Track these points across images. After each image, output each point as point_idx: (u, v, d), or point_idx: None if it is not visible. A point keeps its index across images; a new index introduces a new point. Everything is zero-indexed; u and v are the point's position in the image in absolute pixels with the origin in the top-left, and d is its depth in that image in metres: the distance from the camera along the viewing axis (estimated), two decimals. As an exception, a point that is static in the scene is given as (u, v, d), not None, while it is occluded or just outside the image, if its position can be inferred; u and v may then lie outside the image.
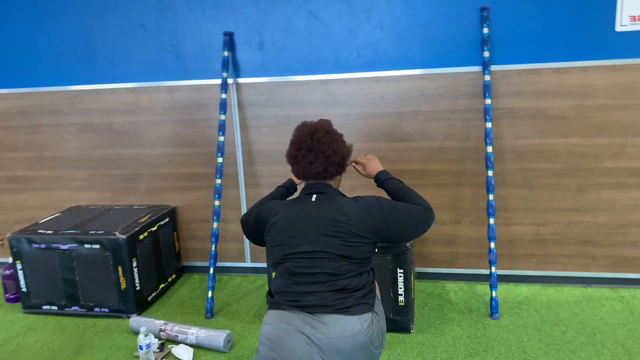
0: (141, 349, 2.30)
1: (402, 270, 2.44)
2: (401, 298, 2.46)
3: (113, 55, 3.12)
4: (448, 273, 3.04)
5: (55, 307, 2.85)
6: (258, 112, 3.04)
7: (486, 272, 2.89)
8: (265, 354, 1.59)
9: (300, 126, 1.80)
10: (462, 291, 2.91)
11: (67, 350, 2.49)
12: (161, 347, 2.45)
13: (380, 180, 2.01)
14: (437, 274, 3.05)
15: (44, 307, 2.86)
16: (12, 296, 3.04)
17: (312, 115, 2.95)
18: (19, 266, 2.83)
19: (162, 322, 2.55)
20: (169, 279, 3.15)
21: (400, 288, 2.45)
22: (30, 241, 2.78)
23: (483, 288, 2.93)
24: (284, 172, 3.01)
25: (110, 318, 2.79)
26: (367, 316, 1.63)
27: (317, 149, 1.71)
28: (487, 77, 2.65)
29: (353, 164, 2.10)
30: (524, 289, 2.90)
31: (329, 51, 2.88)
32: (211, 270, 2.81)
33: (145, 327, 2.53)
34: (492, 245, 2.63)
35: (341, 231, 1.64)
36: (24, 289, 2.86)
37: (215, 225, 2.85)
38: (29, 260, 2.81)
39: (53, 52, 3.18)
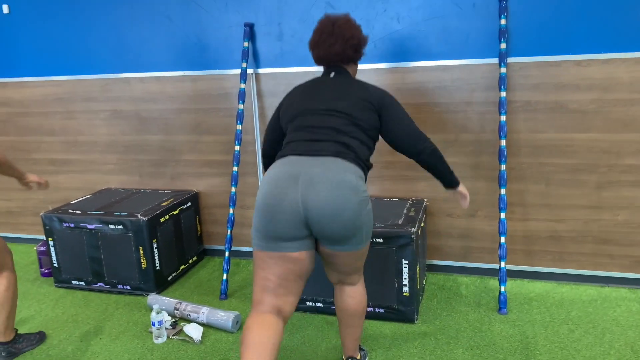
0: (154, 325, 2.43)
1: (406, 262, 2.46)
2: (405, 289, 2.48)
3: (141, 45, 3.26)
4: (461, 267, 3.02)
5: (82, 283, 3.04)
6: (276, 102, 3.10)
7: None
8: (266, 191, 1.71)
9: (323, 18, 1.96)
10: (473, 285, 2.90)
11: (89, 323, 2.67)
12: (174, 324, 2.58)
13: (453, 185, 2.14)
14: (450, 267, 3.04)
15: (73, 282, 3.06)
16: (46, 271, 3.26)
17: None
18: (51, 243, 3.03)
19: (176, 301, 2.68)
20: (190, 261, 3.29)
21: (405, 279, 2.48)
22: (61, 220, 2.97)
23: (495, 283, 2.91)
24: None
25: (131, 295, 2.96)
26: (361, 173, 1.76)
27: (337, 33, 1.88)
28: (503, 70, 2.61)
29: (463, 202, 2.21)
30: (538, 286, 2.85)
31: (346, 42, 2.90)
32: (226, 254, 2.92)
33: (161, 305, 2.68)
34: (503, 239, 2.61)
35: (352, 97, 1.83)
36: (56, 265, 3.06)
37: (231, 210, 2.96)
38: (59, 238, 3.01)
39: (87, 42, 3.36)
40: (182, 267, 3.20)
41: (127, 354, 2.38)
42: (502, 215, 2.60)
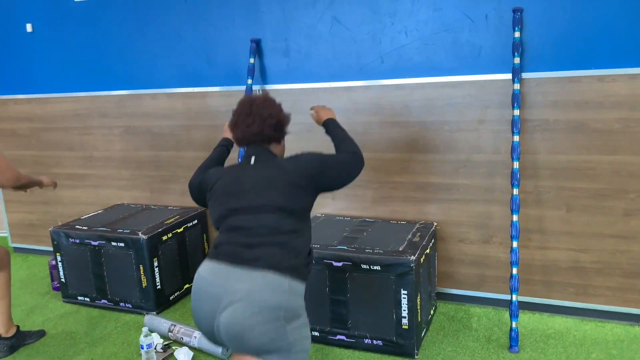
0: (142, 348, 2.38)
1: (405, 292, 2.29)
2: (405, 321, 2.31)
3: (153, 62, 3.27)
4: (474, 296, 2.81)
5: (87, 299, 3.04)
6: (283, 118, 3.02)
7: (518, 298, 2.65)
8: (193, 304, 1.65)
9: (243, 97, 1.89)
10: (486, 317, 2.68)
11: (85, 340, 2.65)
12: (165, 347, 2.51)
13: (327, 127, 2.09)
14: (463, 296, 2.84)
15: (79, 297, 3.06)
16: (57, 285, 3.29)
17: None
18: (58, 258, 3.06)
19: (171, 323, 2.62)
20: (195, 280, 3.24)
21: (404, 310, 2.31)
22: (68, 235, 2.99)
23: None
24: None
25: (132, 314, 2.93)
26: (295, 284, 1.60)
27: (255, 113, 1.81)
28: (517, 86, 2.41)
29: (311, 111, 2.21)
30: (558, 321, 2.60)
31: (352, 57, 2.79)
32: (226, 275, 2.84)
33: (156, 326, 2.63)
34: (515, 270, 2.39)
35: (279, 184, 1.71)
36: (63, 280, 3.08)
37: (232, 230, 2.88)
38: (66, 254, 3.03)
39: (103, 60, 3.40)
40: (187, 286, 3.15)
41: (114, 377, 2.33)
42: (514, 244, 2.39)
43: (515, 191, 2.40)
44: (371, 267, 2.32)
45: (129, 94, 3.39)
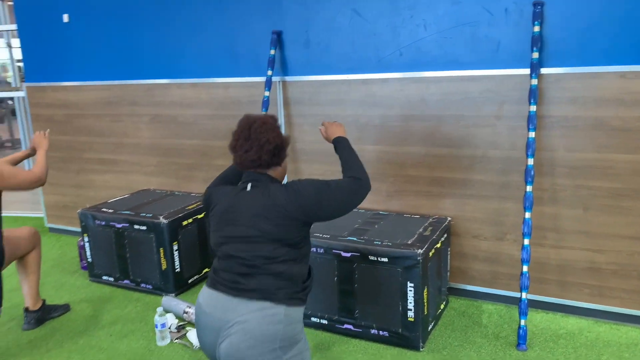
0: (157, 327, 2.48)
1: (412, 284, 2.30)
2: (410, 313, 2.33)
3: (180, 53, 3.36)
4: (487, 293, 2.79)
5: (112, 279, 3.18)
6: (302, 110, 3.06)
7: (530, 296, 2.62)
8: (197, 332, 1.72)
9: (242, 118, 1.83)
10: (498, 314, 2.66)
11: (106, 318, 2.78)
12: (179, 328, 2.61)
13: (335, 146, 1.98)
14: (475, 292, 2.82)
15: (104, 277, 3.21)
16: (85, 264, 3.46)
17: (352, 115, 2.91)
18: (86, 239, 3.21)
19: (186, 304, 2.72)
20: (214, 265, 3.33)
21: (410, 303, 2.32)
22: (94, 218, 3.14)
23: (524, 314, 2.65)
24: (324, 171, 3.02)
25: (152, 294, 3.05)
26: (290, 312, 1.62)
27: (253, 138, 1.74)
28: (534, 81, 2.37)
29: (320, 127, 2.11)
30: (571, 322, 2.56)
31: (371, 50, 2.80)
32: (241, 261, 2.92)
33: (172, 307, 2.74)
34: (525, 268, 2.37)
35: (273, 216, 1.67)
36: (90, 260, 3.23)
37: (248, 218, 2.95)
38: (93, 235, 3.17)
39: (133, 49, 3.52)
40: (205, 270, 3.25)
41: (129, 353, 2.44)
42: (526, 241, 2.37)
43: (529, 188, 2.37)
44: (379, 258, 2.35)
45: (157, 83, 3.50)
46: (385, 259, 2.34)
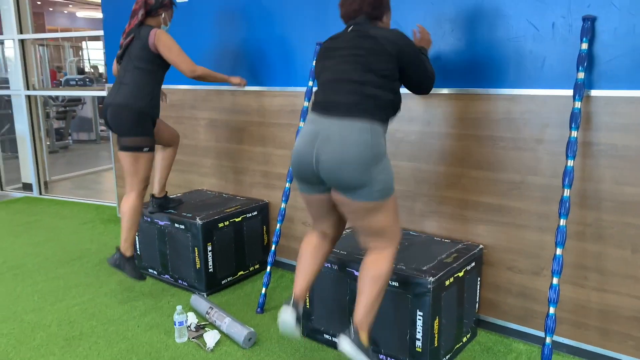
0: (175, 324, 2.59)
1: (421, 313, 2.18)
2: (418, 343, 2.21)
3: (234, 62, 3.48)
4: (520, 330, 2.56)
5: (155, 272, 3.37)
6: (341, 122, 3.02)
7: (568, 341, 2.39)
8: (295, 148, 2.06)
9: None
10: (527, 356, 2.43)
11: (141, 309, 2.95)
12: (198, 327, 2.70)
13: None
14: (507, 328, 2.60)
15: (149, 270, 3.41)
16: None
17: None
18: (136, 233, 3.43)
19: (209, 305, 2.80)
20: (251, 268, 3.41)
21: (419, 332, 2.20)
22: (142, 214, 3.34)
23: (557, 358, 2.40)
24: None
25: (187, 291, 3.18)
26: (377, 128, 1.93)
27: None
28: (578, 104, 2.14)
29: (416, 29, 2.45)
30: (610, 376, 2.27)
31: (410, 64, 2.69)
32: (268, 269, 2.95)
33: (197, 306, 2.84)
34: (552, 310, 2.14)
35: (367, 45, 1.96)
36: (138, 252, 3.45)
37: (278, 226, 2.97)
38: (141, 229, 3.38)
39: (195, 56, 3.70)
40: (241, 272, 3.33)
41: (148, 345, 2.57)
42: (555, 280, 2.14)
43: (563, 222, 2.14)
44: (390, 282, 2.25)
45: (214, 89, 3.65)
46: (396, 284, 2.24)
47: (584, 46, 2.13)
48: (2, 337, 2.66)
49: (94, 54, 14.93)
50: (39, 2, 13.47)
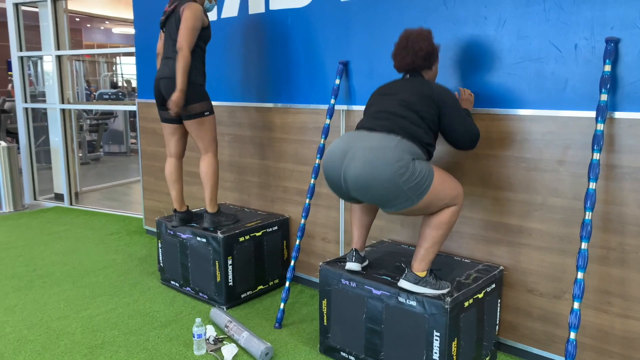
0: (194, 337, 2.62)
1: (438, 334, 2.16)
2: (435, 364, 2.19)
3: (261, 78, 3.55)
4: (540, 355, 2.51)
5: (177, 284, 3.43)
6: (362, 139, 3.05)
7: (588, 368, 2.32)
8: (324, 165, 2.23)
9: (403, 32, 2.33)
10: (547, 382, 2.38)
11: (161, 321, 3.00)
12: (216, 340, 2.73)
13: None
14: (527, 352, 2.55)
15: (171, 282, 3.47)
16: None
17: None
18: (159, 245, 3.51)
19: (229, 319, 2.83)
20: (271, 283, 3.43)
21: (435, 353, 2.18)
22: (166, 226, 3.42)
23: (579, 387, 2.34)
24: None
25: (207, 304, 3.23)
26: (412, 147, 2.08)
27: (409, 47, 2.26)
28: (600, 126, 2.11)
29: (459, 89, 2.53)
30: (634, 406, 2.20)
31: (431, 83, 2.71)
32: (287, 284, 2.97)
33: (216, 319, 2.87)
34: (573, 335, 2.09)
35: (417, 91, 2.18)
36: (162, 265, 3.52)
37: (297, 242, 3.00)
38: (164, 242, 3.46)
39: (222, 74, 3.80)
40: (260, 287, 3.36)
41: (167, 357, 2.61)
42: (576, 304, 2.09)
43: (584, 245, 2.10)
44: (407, 301, 2.24)
45: (239, 105, 3.73)
46: (414, 303, 2.23)
47: (607, 68, 2.11)
48: (29, 343, 2.74)
49: (127, 69, 15.39)
50: (77, 19, 14.00)
